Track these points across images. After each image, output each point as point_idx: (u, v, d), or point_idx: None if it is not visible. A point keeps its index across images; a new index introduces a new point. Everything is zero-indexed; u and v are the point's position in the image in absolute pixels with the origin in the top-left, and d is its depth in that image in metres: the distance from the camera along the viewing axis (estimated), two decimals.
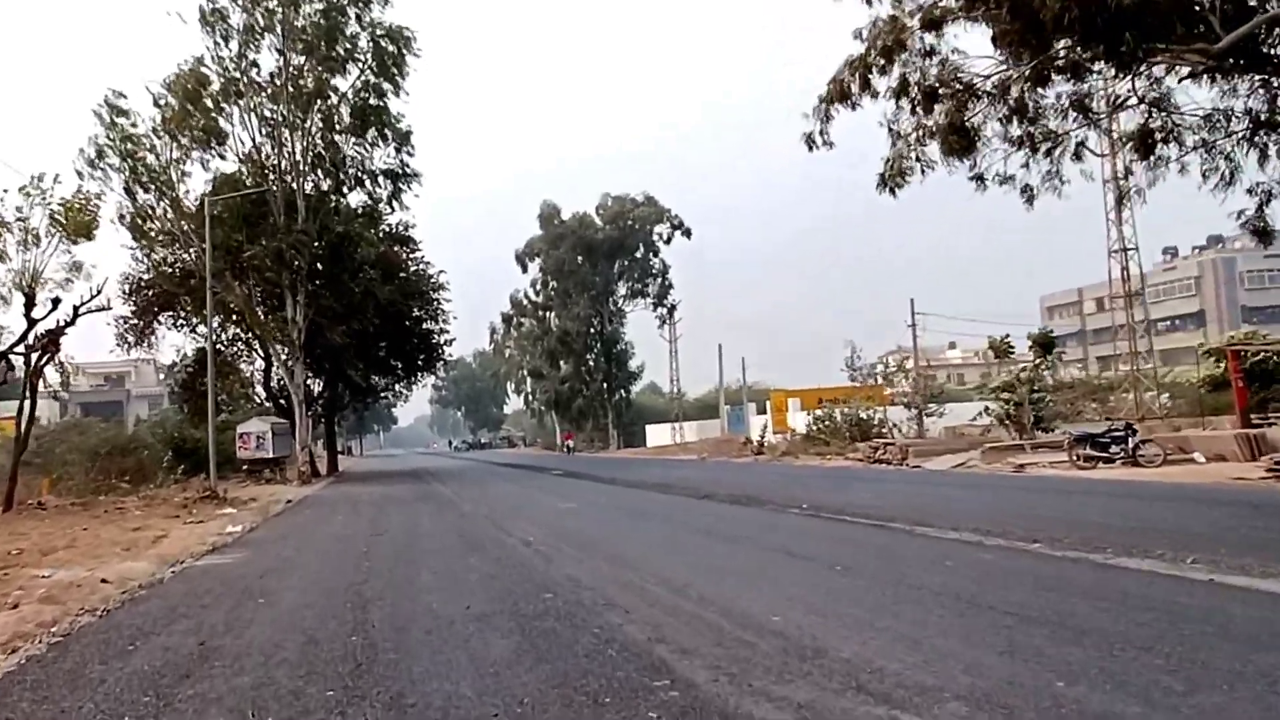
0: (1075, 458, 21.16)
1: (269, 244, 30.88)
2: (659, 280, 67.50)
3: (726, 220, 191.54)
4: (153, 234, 33.50)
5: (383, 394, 48.06)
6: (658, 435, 71.35)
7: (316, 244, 32.69)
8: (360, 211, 35.37)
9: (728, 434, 64.06)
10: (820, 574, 8.10)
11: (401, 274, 38.72)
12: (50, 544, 13.92)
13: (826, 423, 36.86)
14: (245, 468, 34.70)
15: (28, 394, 22.12)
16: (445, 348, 42.65)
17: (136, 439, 39.52)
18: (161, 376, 59.75)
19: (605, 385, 68.55)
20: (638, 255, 67.54)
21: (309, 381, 40.52)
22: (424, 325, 40.84)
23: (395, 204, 34.83)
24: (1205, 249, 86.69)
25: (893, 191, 17.14)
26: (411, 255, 40.01)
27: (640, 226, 66.85)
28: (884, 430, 36.13)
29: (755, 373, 71.93)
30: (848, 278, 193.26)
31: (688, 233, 67.03)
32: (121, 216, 32.34)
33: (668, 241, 67.21)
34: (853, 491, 17.65)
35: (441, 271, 40.03)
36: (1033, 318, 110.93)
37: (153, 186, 31.51)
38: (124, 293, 37.50)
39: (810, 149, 16.78)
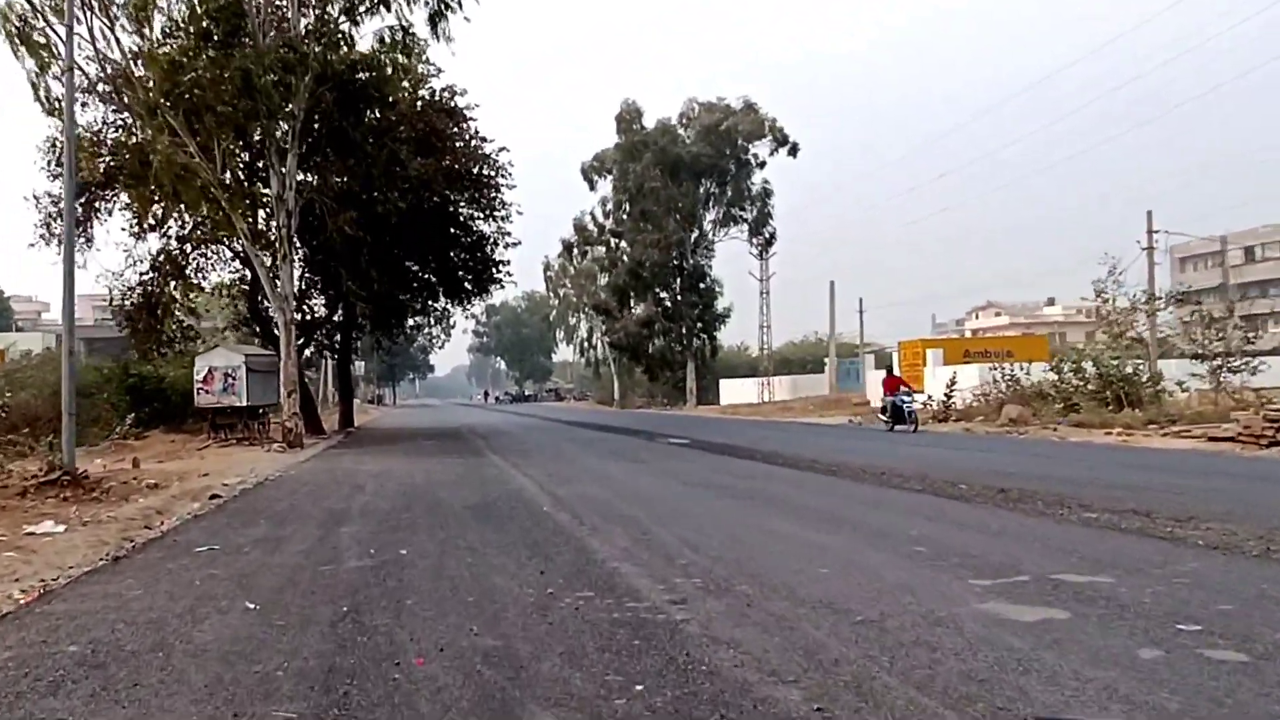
0: None
1: (232, 64, 19.05)
2: (758, 204, 54.95)
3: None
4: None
5: (415, 321, 35.97)
6: (735, 391, 59.53)
7: (317, 82, 20.93)
8: (384, 41, 23.32)
9: (837, 391, 52.17)
10: None
11: (447, 155, 26.73)
12: None
13: (1073, 378, 24.76)
14: (212, 421, 23.44)
15: None
16: (502, 265, 30.43)
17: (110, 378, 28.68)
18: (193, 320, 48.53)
19: (687, 329, 56.47)
20: (731, 173, 55.00)
21: (311, 301, 29.02)
22: (475, 224, 28.78)
23: (437, 32, 22.60)
24: None
25: None
26: (461, 129, 27.91)
27: (738, 140, 54.17)
28: (1158, 390, 24.09)
29: (837, 323, 59.57)
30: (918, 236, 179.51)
31: (794, 149, 54.32)
32: (23, 34, 20.67)
33: (768, 157, 54.58)
34: None
35: (502, 149, 27.86)
36: (1158, 270, 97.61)
37: None
38: (50, 165, 26.13)
39: None
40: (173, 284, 26.71)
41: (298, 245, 26.05)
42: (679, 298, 56.81)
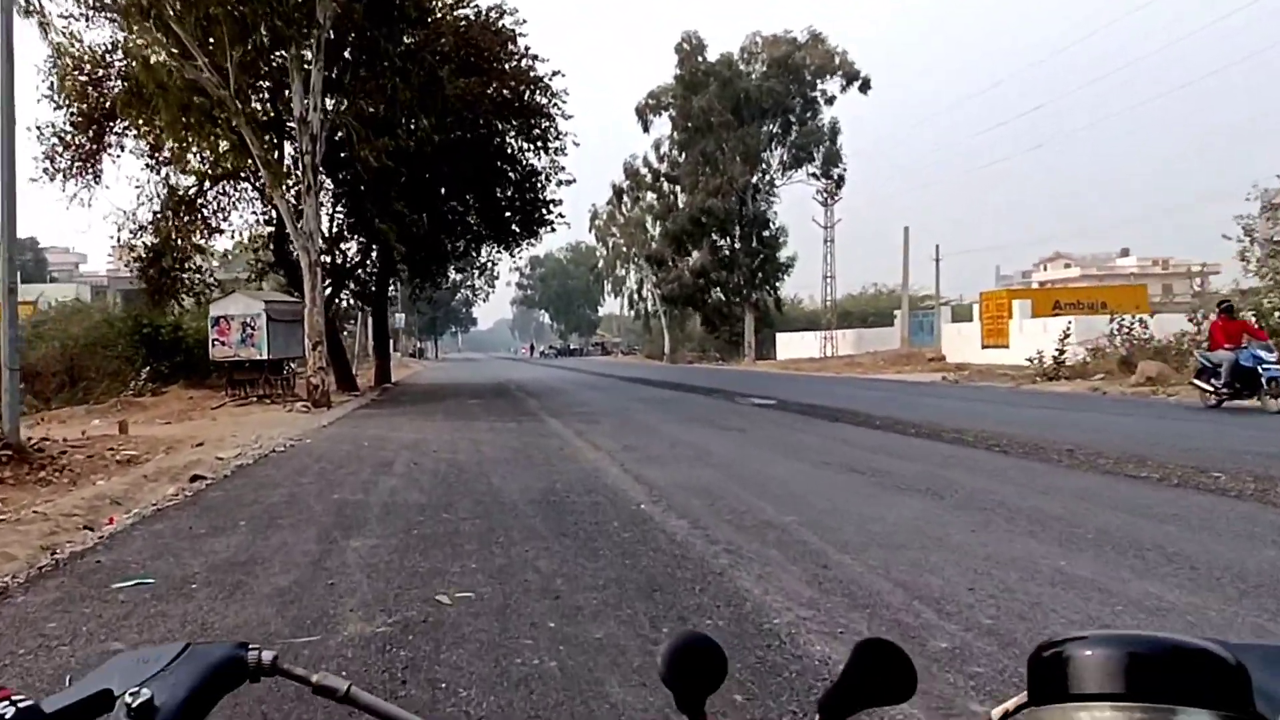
0: None
1: None
2: (826, 143, 50.94)
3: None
4: None
5: (458, 267, 32.79)
6: (793, 346, 56.11)
7: None
8: None
9: (909, 346, 48.66)
10: None
11: (494, 79, 23.55)
12: None
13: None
14: (230, 376, 20.92)
15: None
16: (554, 204, 27.17)
17: (123, 330, 26.61)
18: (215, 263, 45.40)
19: (746, 279, 53.02)
20: (796, 110, 51.03)
21: (344, 245, 26.23)
22: (524, 158, 25.59)
23: None
24: None
25: None
26: (508, 51, 24.52)
27: (805, 75, 50.17)
28: None
29: (891, 276, 55.72)
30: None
31: (865, 85, 50.15)
32: None
33: (838, 94, 50.48)
34: None
35: (556, 73, 24.52)
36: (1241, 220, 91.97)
37: None
38: (54, 92, 23.41)
39: None
40: (188, 222, 24.02)
41: (325, 179, 23.30)
42: (738, 246, 53.30)
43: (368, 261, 26.30)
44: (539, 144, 24.87)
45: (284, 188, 18.54)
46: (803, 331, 58.06)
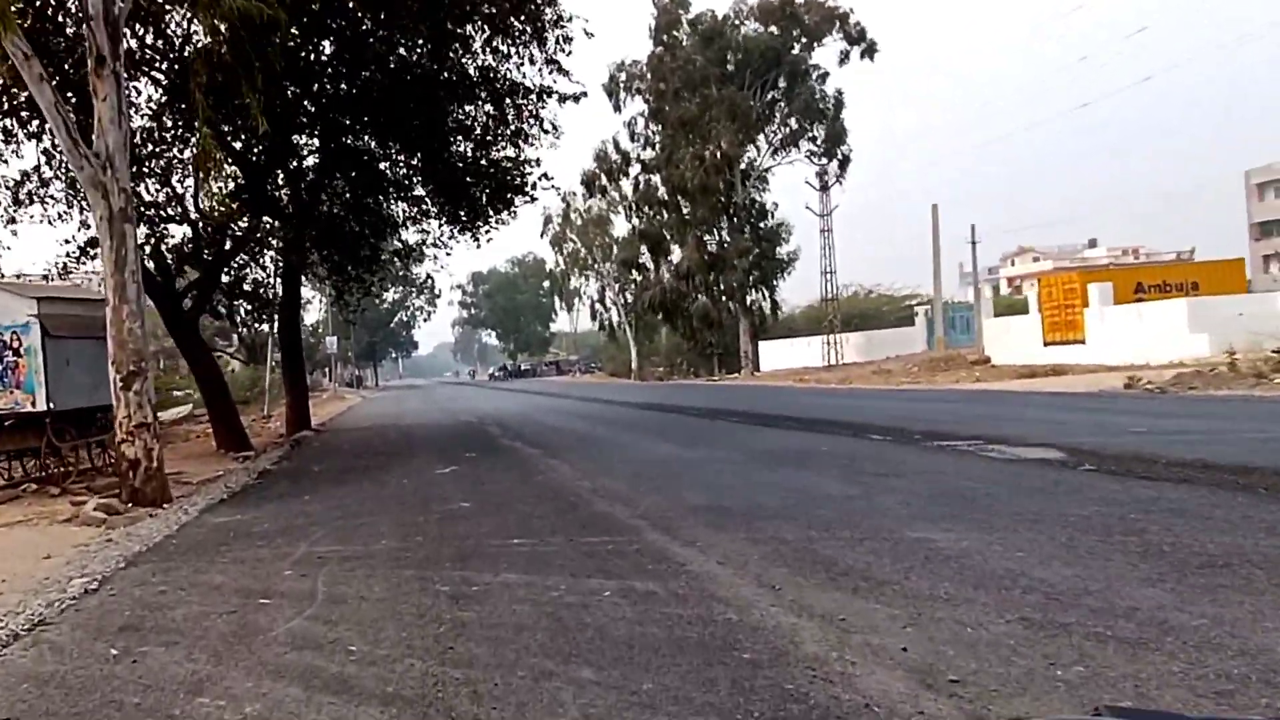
0: None
1: None
2: (828, 119, 42.94)
3: None
4: None
5: (395, 268, 22.78)
6: (780, 355, 47.69)
7: None
8: None
9: (944, 348, 40.29)
10: None
11: None
12: None
13: None
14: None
15: None
16: (530, 167, 17.77)
17: None
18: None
19: (739, 280, 44.45)
20: (794, 77, 42.92)
21: (236, 222, 16.88)
22: (501, 77, 16.19)
23: None
24: None
25: None
26: None
27: (793, 44, 42.19)
28: None
29: (864, 276, 47.90)
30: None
31: (871, 50, 42.30)
32: None
33: (838, 67, 42.59)
34: None
35: None
36: (1233, 199, 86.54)
37: None
38: None
39: None
40: None
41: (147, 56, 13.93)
42: (727, 240, 44.86)
43: (253, 241, 16.49)
44: (522, 43, 15.57)
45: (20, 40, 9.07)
46: (785, 338, 49.70)
